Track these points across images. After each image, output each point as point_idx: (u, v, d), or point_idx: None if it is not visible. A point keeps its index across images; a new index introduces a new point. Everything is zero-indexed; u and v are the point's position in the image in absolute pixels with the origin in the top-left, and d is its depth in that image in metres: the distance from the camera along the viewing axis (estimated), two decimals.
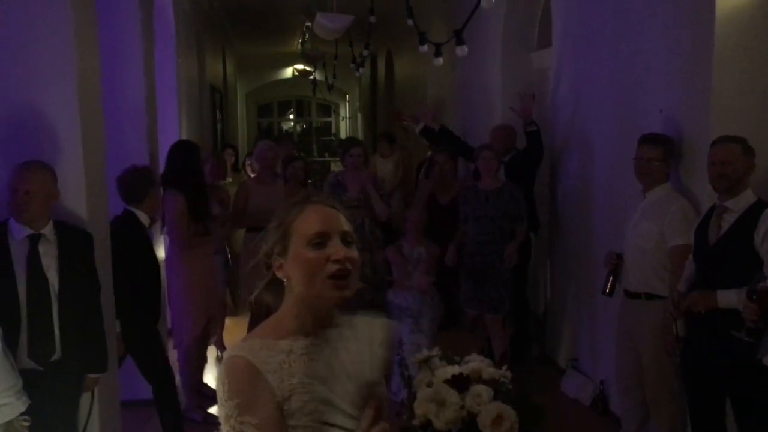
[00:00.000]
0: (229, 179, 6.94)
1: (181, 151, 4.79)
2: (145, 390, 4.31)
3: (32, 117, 3.05)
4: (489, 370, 1.74)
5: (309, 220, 1.52)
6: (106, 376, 3.28)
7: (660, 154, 3.66)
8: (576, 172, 5.24)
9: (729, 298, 2.97)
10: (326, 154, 17.78)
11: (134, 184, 3.99)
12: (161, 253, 4.95)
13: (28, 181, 2.87)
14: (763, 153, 3.27)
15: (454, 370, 1.72)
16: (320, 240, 1.50)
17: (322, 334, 1.55)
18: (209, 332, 4.98)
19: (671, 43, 3.84)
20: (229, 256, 6.05)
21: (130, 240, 3.91)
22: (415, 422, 1.68)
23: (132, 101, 4.67)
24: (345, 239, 1.52)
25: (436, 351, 1.79)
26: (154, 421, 4.34)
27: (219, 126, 10.85)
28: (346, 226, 1.55)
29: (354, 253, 1.52)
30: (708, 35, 3.45)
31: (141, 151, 4.69)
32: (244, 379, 1.42)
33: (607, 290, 3.90)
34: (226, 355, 1.48)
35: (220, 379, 1.45)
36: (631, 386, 3.89)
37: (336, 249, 1.49)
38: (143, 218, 4.01)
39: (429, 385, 1.71)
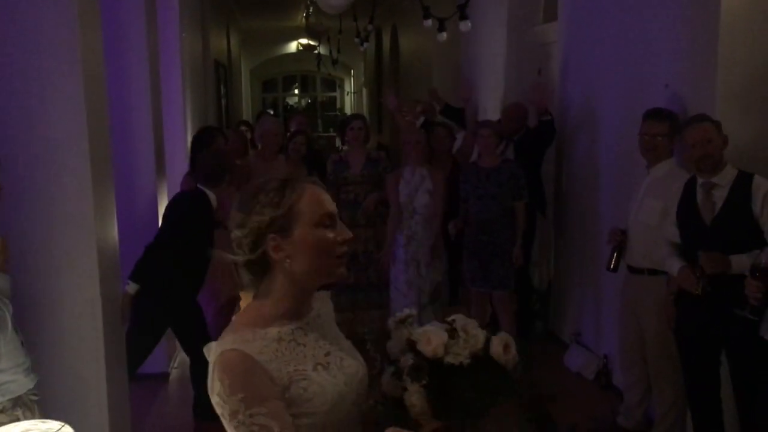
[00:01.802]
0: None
1: (197, 137, 4.90)
2: (154, 363, 4.37)
3: (34, 97, 3.04)
4: (471, 321, 1.73)
5: (318, 201, 1.52)
6: (114, 349, 3.32)
7: (665, 130, 3.64)
8: (582, 148, 5.22)
9: (743, 262, 2.90)
10: (331, 129, 17.73)
11: (214, 166, 4.02)
12: None
13: None
14: None
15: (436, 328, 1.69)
16: (330, 221, 1.53)
17: (304, 317, 1.56)
18: (232, 311, 4.99)
19: (677, 17, 3.80)
20: None
21: (197, 218, 3.93)
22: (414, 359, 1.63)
23: (136, 78, 4.65)
24: (341, 220, 1.58)
25: (413, 310, 1.77)
26: (162, 394, 4.41)
27: (223, 102, 10.83)
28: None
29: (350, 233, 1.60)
30: (714, 9, 3.42)
31: (145, 127, 4.69)
32: (243, 371, 1.39)
33: (612, 266, 3.91)
34: (216, 350, 1.43)
35: (215, 377, 1.40)
36: (633, 360, 3.92)
37: (343, 231, 1.55)
38: (213, 201, 4.01)
39: (410, 343, 1.65)
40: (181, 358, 5.30)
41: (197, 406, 4.07)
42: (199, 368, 4.05)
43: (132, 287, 3.75)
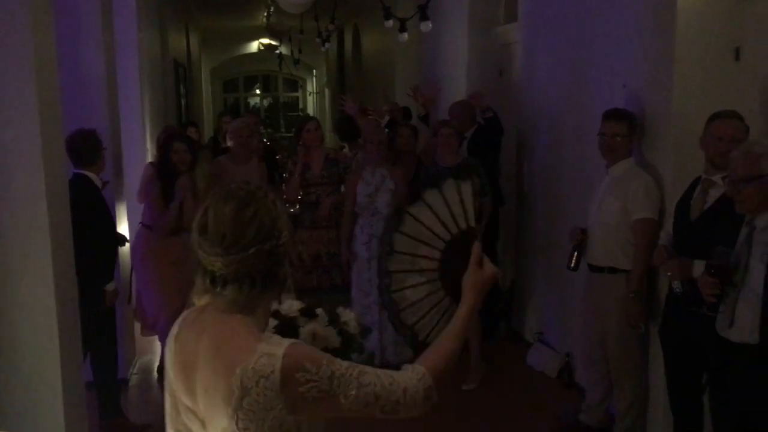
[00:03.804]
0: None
1: (162, 141, 4.92)
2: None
3: None
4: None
5: None
6: (70, 356, 3.23)
7: (623, 130, 3.68)
8: (543, 148, 5.27)
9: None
10: (293, 130, 17.63)
11: (86, 147, 3.96)
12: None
13: None
14: None
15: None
16: None
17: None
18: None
19: (634, 18, 3.85)
20: None
21: (90, 202, 3.88)
22: None
23: (91, 78, 4.56)
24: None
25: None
26: (122, 401, 4.31)
27: (183, 102, 10.68)
28: None
29: None
30: (670, 10, 3.47)
31: (102, 129, 4.58)
32: (310, 349, 1.52)
33: (572, 265, 3.94)
34: (272, 360, 1.44)
35: (294, 371, 1.44)
36: (595, 358, 3.96)
37: None
38: (96, 180, 3.97)
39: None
40: (141, 363, 5.22)
41: (104, 404, 4.09)
42: (101, 368, 4.06)
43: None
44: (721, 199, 3.06)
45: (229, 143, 5.50)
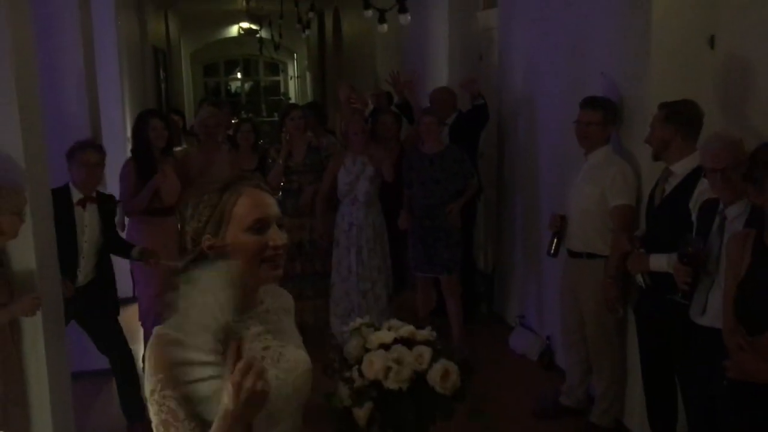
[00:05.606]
0: (183, 146, 6.67)
1: (136, 120, 4.82)
2: (96, 360, 4.29)
3: None
4: (421, 332, 1.86)
5: (248, 206, 1.57)
6: (55, 345, 3.24)
7: (598, 118, 3.72)
8: (523, 133, 5.30)
9: (660, 262, 3.08)
10: (275, 114, 17.53)
11: None
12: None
13: None
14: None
15: (388, 335, 1.82)
16: (261, 226, 1.57)
17: (248, 310, 1.61)
18: None
19: (612, 4, 3.88)
20: None
21: None
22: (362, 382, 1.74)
23: (70, 66, 4.52)
24: (279, 224, 1.61)
25: (367, 319, 1.90)
26: (105, 393, 4.33)
27: (163, 87, 10.60)
28: (278, 210, 1.63)
29: (285, 236, 1.61)
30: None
31: (81, 117, 4.57)
32: (168, 353, 1.47)
33: (552, 251, 4.00)
34: (155, 330, 1.52)
35: (147, 354, 1.49)
36: (574, 341, 4.03)
37: (275, 236, 1.58)
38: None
39: (362, 351, 1.80)
40: None
41: (125, 406, 4.04)
42: (120, 367, 4.03)
43: None
44: (677, 187, 3.15)
45: (197, 133, 5.46)
